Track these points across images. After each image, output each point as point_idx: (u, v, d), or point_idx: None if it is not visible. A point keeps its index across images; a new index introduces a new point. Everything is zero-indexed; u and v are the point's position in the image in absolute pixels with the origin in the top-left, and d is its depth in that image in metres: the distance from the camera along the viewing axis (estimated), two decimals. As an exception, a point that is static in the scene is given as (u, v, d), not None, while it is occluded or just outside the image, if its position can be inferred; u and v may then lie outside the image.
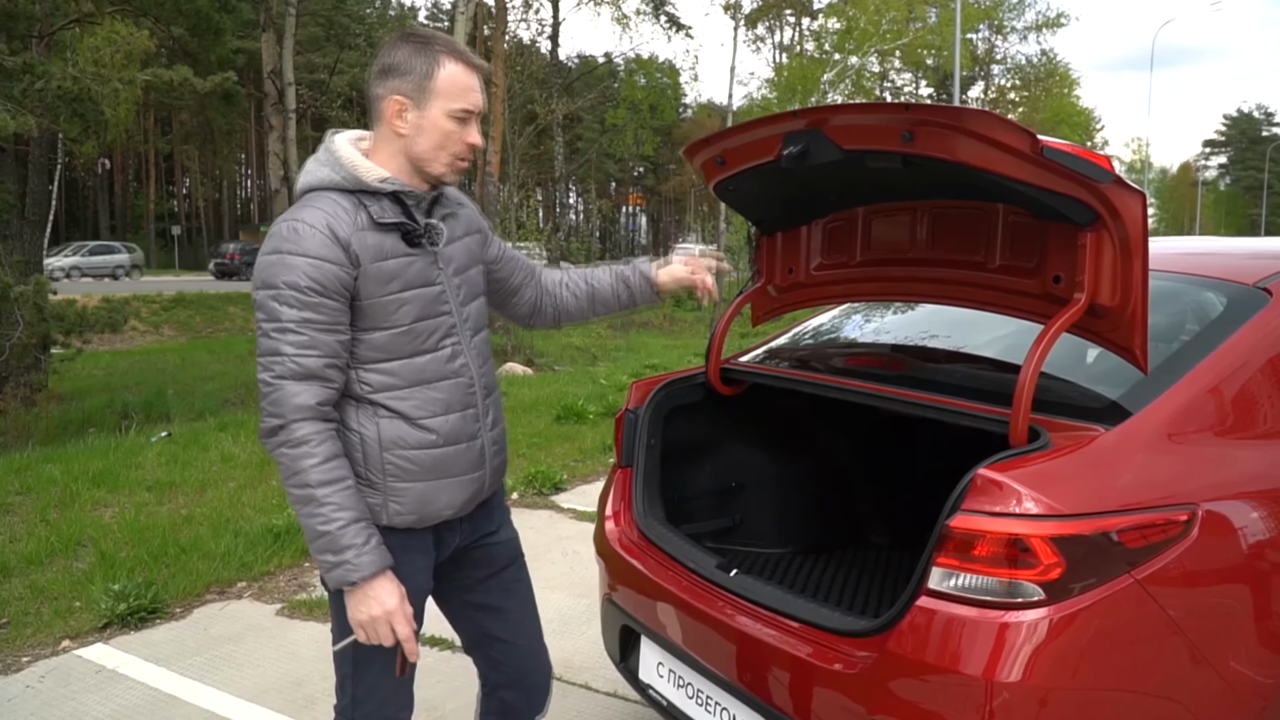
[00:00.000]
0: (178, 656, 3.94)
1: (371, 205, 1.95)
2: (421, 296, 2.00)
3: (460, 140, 2.00)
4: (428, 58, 1.94)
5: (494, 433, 2.17)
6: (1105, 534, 1.86)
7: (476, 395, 2.10)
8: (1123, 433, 2.02)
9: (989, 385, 2.41)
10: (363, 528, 1.91)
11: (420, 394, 2.00)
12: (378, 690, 2.12)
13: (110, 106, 9.94)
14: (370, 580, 1.91)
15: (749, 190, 2.81)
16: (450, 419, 2.04)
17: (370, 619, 1.93)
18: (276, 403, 1.87)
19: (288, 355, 1.86)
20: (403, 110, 1.94)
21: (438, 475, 2.04)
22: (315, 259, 1.86)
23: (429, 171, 2.01)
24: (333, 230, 1.88)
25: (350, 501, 1.90)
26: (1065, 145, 1.98)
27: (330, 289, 1.88)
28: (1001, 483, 1.88)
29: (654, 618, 2.62)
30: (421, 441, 2.01)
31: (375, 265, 1.92)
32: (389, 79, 1.95)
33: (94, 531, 5.39)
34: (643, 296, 2.49)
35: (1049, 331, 2.09)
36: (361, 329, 1.95)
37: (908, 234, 2.69)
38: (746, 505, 3.31)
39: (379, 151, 2.00)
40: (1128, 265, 2.06)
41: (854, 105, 2.34)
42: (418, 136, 1.96)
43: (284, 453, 1.88)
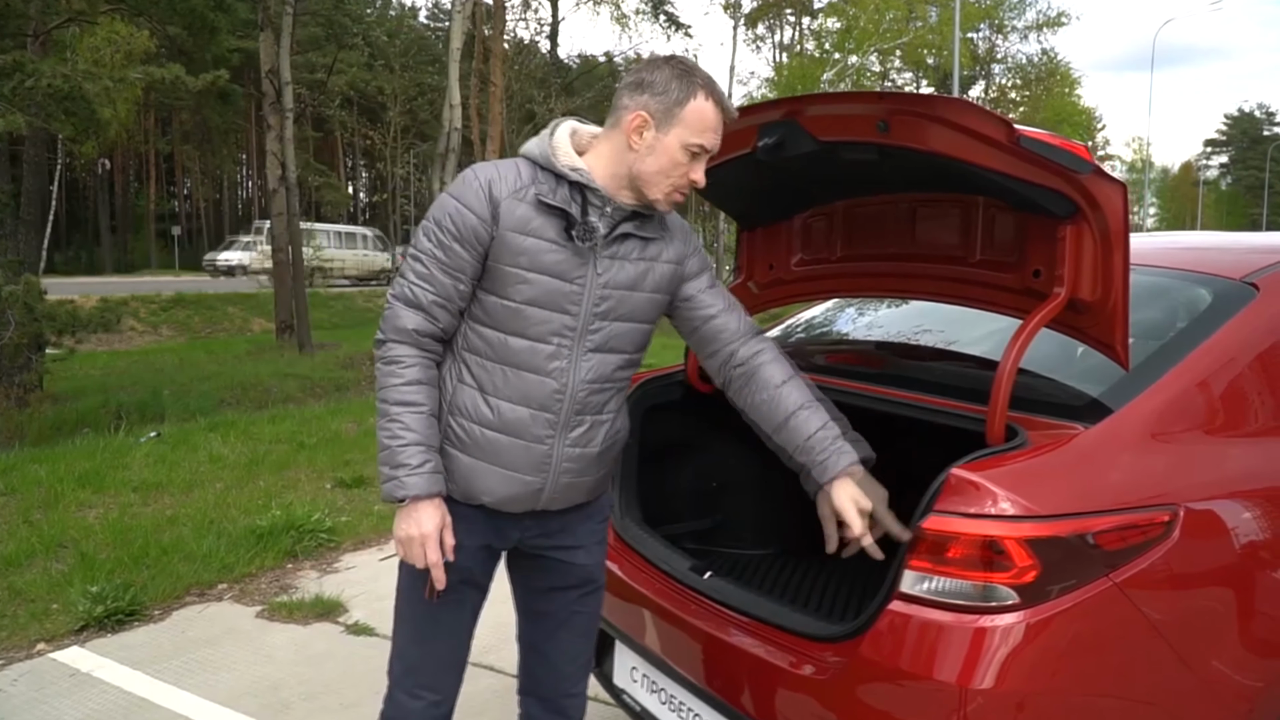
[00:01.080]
0: (154, 660, 3.88)
1: (546, 184, 1.98)
2: (547, 285, 1.97)
3: (685, 173, 2.00)
4: (685, 86, 1.96)
5: (576, 451, 2.07)
6: (1082, 536, 1.80)
7: (563, 405, 2.02)
8: (1102, 431, 1.96)
9: (970, 383, 2.34)
10: (422, 451, 1.95)
11: (502, 373, 2.00)
12: (408, 653, 2.18)
13: (102, 105, 9.87)
14: (416, 501, 1.95)
15: (727, 184, 2.74)
16: (521, 411, 2.01)
17: (407, 537, 1.98)
18: (386, 319, 1.99)
19: (408, 281, 1.98)
20: (644, 127, 1.97)
21: (486, 458, 2.03)
22: (462, 204, 1.95)
23: (646, 193, 2.01)
24: (490, 186, 1.96)
25: (419, 425, 1.96)
26: (1042, 135, 1.92)
27: (464, 236, 1.95)
28: (975, 483, 1.82)
29: (627, 621, 2.56)
30: (483, 418, 2.01)
31: (512, 235, 1.95)
32: (641, 93, 1.97)
33: (76, 533, 5.33)
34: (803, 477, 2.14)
35: (1027, 327, 2.03)
36: (482, 288, 2.00)
37: (888, 228, 2.63)
38: (728, 505, 3.25)
39: (597, 150, 2.03)
40: (1108, 258, 2.00)
41: (829, 94, 2.28)
42: (648, 156, 1.97)
43: (380, 367, 1.98)
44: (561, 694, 2.33)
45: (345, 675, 3.74)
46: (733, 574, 3.06)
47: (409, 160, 32.77)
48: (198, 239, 55.99)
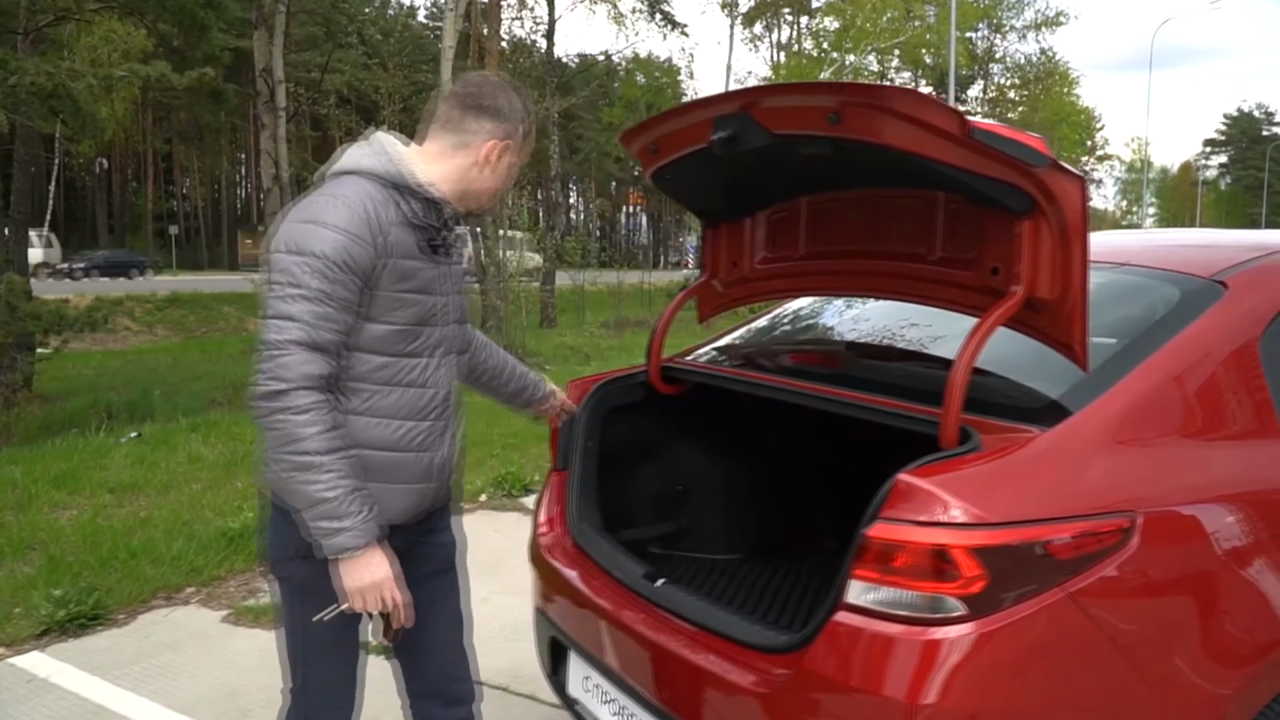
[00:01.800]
0: (115, 665, 3.81)
1: (407, 203, 1.99)
2: (424, 303, 2.04)
3: (506, 185, 2.18)
4: (526, 118, 2.12)
5: (450, 450, 2.20)
6: (1032, 544, 1.72)
7: (442, 411, 2.13)
8: (1059, 435, 1.89)
9: (930, 384, 2.27)
10: (365, 497, 1.92)
11: (393, 395, 2.02)
12: (322, 681, 2.17)
13: (90, 103, 9.80)
14: (369, 548, 1.91)
15: (686, 179, 2.68)
16: (412, 426, 2.06)
17: (369, 584, 1.93)
18: (284, 366, 1.84)
19: (306, 323, 1.86)
20: (501, 152, 2.08)
21: (386, 479, 2.04)
22: (352, 236, 1.89)
23: (476, 204, 2.14)
24: (373, 214, 1.92)
25: (352, 470, 1.90)
26: (995, 126, 1.85)
27: (356, 268, 1.90)
28: (922, 489, 1.74)
29: (579, 630, 2.49)
30: (378, 441, 2.02)
31: (397, 261, 1.96)
32: (497, 121, 2.06)
33: (47, 535, 5.26)
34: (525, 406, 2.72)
35: (982, 326, 1.95)
36: (365, 317, 1.96)
37: (851, 225, 2.55)
38: (693, 509, 3.18)
39: (439, 166, 2.06)
40: (1067, 255, 1.93)
41: (782, 86, 2.20)
42: (493, 176, 2.09)
43: (285, 419, 1.84)
44: (452, 680, 2.37)
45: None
46: (697, 579, 2.99)
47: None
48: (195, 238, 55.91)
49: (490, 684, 3.65)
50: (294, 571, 2.06)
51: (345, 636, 2.16)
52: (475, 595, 4.48)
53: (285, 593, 2.11)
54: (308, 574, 2.01)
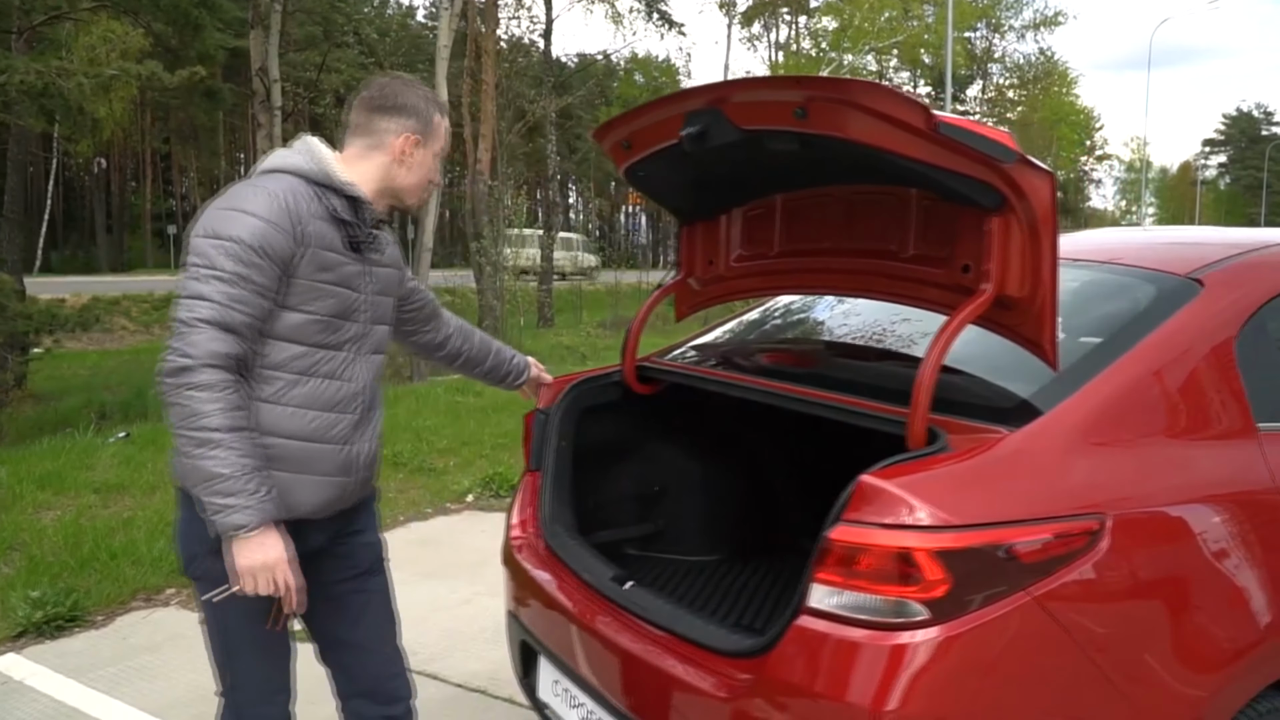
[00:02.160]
0: (91, 667, 3.78)
1: (330, 199, 2.06)
2: (344, 297, 2.09)
3: (432, 177, 2.25)
4: (431, 106, 2.19)
5: (368, 446, 2.23)
6: (997, 547, 1.69)
7: (359, 406, 2.17)
8: (1028, 435, 1.85)
9: (904, 384, 2.23)
10: (261, 476, 1.91)
11: (306, 385, 2.06)
12: (253, 674, 2.19)
13: (79, 101, 9.76)
14: (262, 528, 1.90)
15: (659, 176, 2.64)
16: (326, 417, 2.09)
17: (259, 565, 1.92)
18: (192, 343, 1.86)
19: (216, 303, 1.88)
20: (414, 147, 2.15)
21: (300, 469, 2.06)
22: (270, 223, 1.93)
23: (405, 200, 2.23)
24: (292, 205, 1.97)
25: (251, 450, 1.91)
26: (963, 121, 1.81)
27: (274, 255, 1.94)
28: (886, 490, 1.71)
29: (548, 633, 2.46)
30: (293, 430, 2.04)
31: (317, 251, 2.02)
32: (404, 117, 2.14)
33: (29, 535, 5.22)
34: (504, 382, 2.83)
35: (951, 325, 1.92)
36: (283, 305, 2.00)
37: (825, 223, 2.52)
38: (670, 510, 3.14)
39: (358, 168, 2.13)
40: (1036, 252, 1.90)
41: (750, 80, 2.18)
42: (413, 171, 2.17)
43: (188, 394, 1.85)
44: (386, 679, 2.38)
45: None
46: (673, 581, 2.96)
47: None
48: (194, 238, 55.62)
49: (468, 687, 3.62)
50: (207, 569, 2.04)
51: (270, 631, 2.12)
52: (457, 596, 4.50)
53: (201, 592, 2.09)
54: (221, 570, 1.97)
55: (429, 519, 5.80)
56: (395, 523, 5.70)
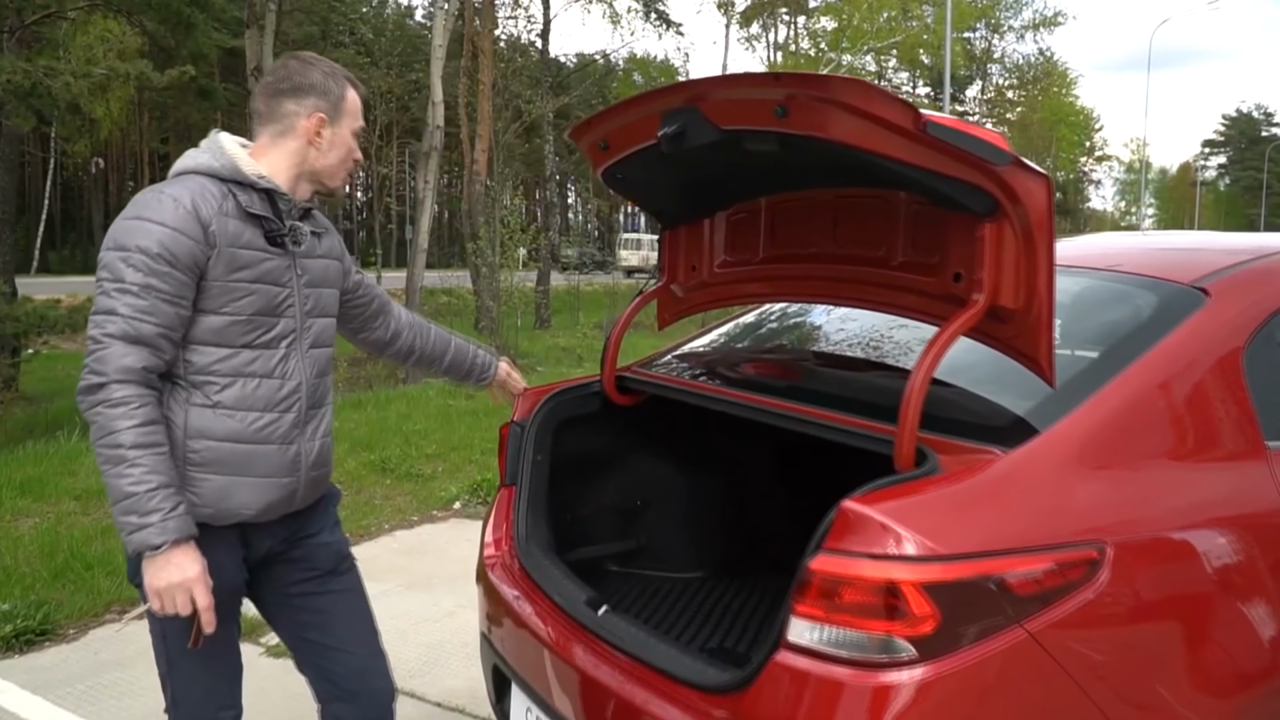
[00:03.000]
0: (60, 684, 3.66)
1: (241, 195, 2.00)
2: (267, 293, 2.03)
3: (353, 155, 2.18)
4: (339, 82, 2.12)
5: (316, 444, 2.17)
6: (990, 579, 1.57)
7: (300, 404, 2.11)
8: (1022, 456, 1.73)
9: (895, 399, 2.11)
10: (172, 494, 1.88)
11: (239, 385, 2.01)
12: (193, 688, 2.14)
13: (65, 100, 9.65)
14: (173, 546, 1.87)
15: (638, 178, 2.53)
16: (265, 417, 2.05)
17: (169, 585, 1.88)
18: (102, 360, 1.85)
19: (123, 316, 1.86)
20: (321, 127, 2.08)
21: (239, 472, 2.02)
22: (173, 230, 1.89)
23: (327, 183, 2.15)
24: (196, 207, 1.92)
25: (162, 467, 1.88)
26: (953, 121, 1.70)
27: (181, 262, 1.89)
28: (869, 518, 1.59)
29: (519, 659, 2.34)
30: (228, 433, 2.00)
31: (230, 250, 1.96)
32: (307, 97, 2.07)
33: (4, 544, 5.10)
34: (474, 378, 2.73)
35: (941, 338, 1.80)
36: (201, 309, 1.96)
37: (812, 227, 2.40)
38: (652, 525, 3.02)
39: (270, 158, 2.07)
40: (1032, 261, 1.78)
41: (729, 77, 2.05)
42: (329, 151, 2.11)
43: (101, 412, 1.85)
44: (368, 680, 2.33)
45: (257, 702, 3.46)
46: (654, 601, 2.84)
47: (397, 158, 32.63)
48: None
49: (447, 705, 3.50)
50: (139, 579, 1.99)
51: (212, 643, 2.03)
52: (440, 609, 4.38)
53: (143, 600, 2.02)
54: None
55: (415, 527, 5.67)
56: (380, 531, 5.58)
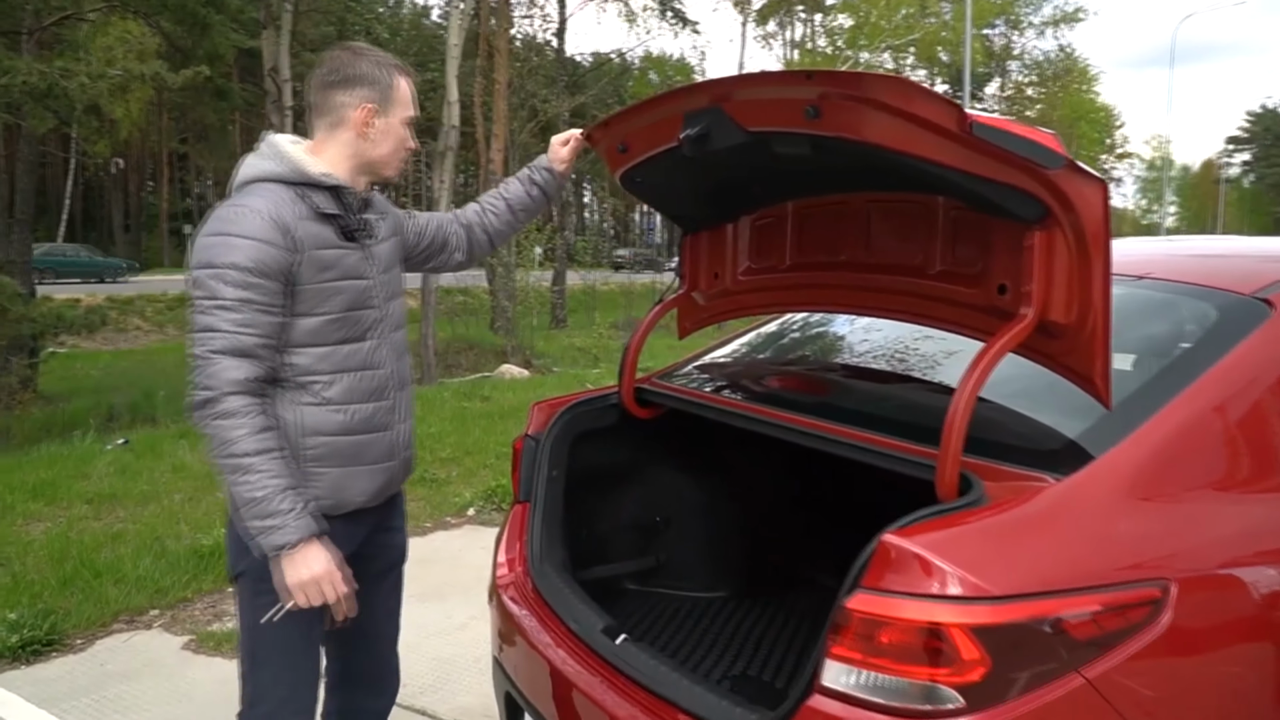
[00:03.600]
0: (65, 696, 3.57)
1: (313, 197, 2.03)
2: (353, 288, 2.08)
3: (406, 144, 2.18)
4: (388, 71, 2.11)
5: (405, 425, 2.25)
6: (1044, 621, 1.44)
7: (392, 388, 2.18)
8: (1077, 484, 1.60)
9: (935, 419, 1.98)
10: (296, 494, 1.95)
11: (341, 381, 2.07)
12: (276, 690, 2.14)
13: (81, 102, 9.61)
14: (304, 544, 1.94)
15: (658, 182, 2.41)
16: (367, 408, 2.12)
17: (307, 580, 1.96)
18: (211, 375, 1.91)
19: (224, 331, 1.91)
20: (372, 117, 2.09)
21: (353, 462, 2.10)
22: (259, 241, 1.92)
23: (382, 173, 2.17)
24: (277, 216, 1.96)
25: (283, 470, 1.95)
26: (1001, 121, 1.56)
27: (271, 271, 1.94)
28: (912, 553, 1.46)
29: (532, 688, 2.22)
30: (339, 427, 2.07)
31: (315, 252, 2.00)
32: (357, 87, 2.08)
33: (16, 549, 5.03)
34: (552, 185, 2.59)
35: (986, 355, 1.67)
36: (295, 313, 2.01)
37: (842, 233, 2.27)
38: (673, 542, 2.90)
39: (326, 152, 2.10)
40: (1086, 272, 1.64)
41: (756, 75, 1.93)
42: (381, 142, 2.11)
43: (216, 425, 1.92)
44: (387, 672, 2.45)
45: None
46: (674, 623, 2.73)
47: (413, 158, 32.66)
48: (210, 237, 55.65)
49: (458, 725, 3.39)
50: (245, 567, 2.09)
51: (298, 643, 2.12)
52: (452, 621, 4.26)
53: (240, 592, 2.14)
54: (260, 572, 2.01)
55: (427, 534, 5.57)
56: (395, 539, 5.48)
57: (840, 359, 2.81)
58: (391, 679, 2.47)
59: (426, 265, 2.51)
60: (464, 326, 21.59)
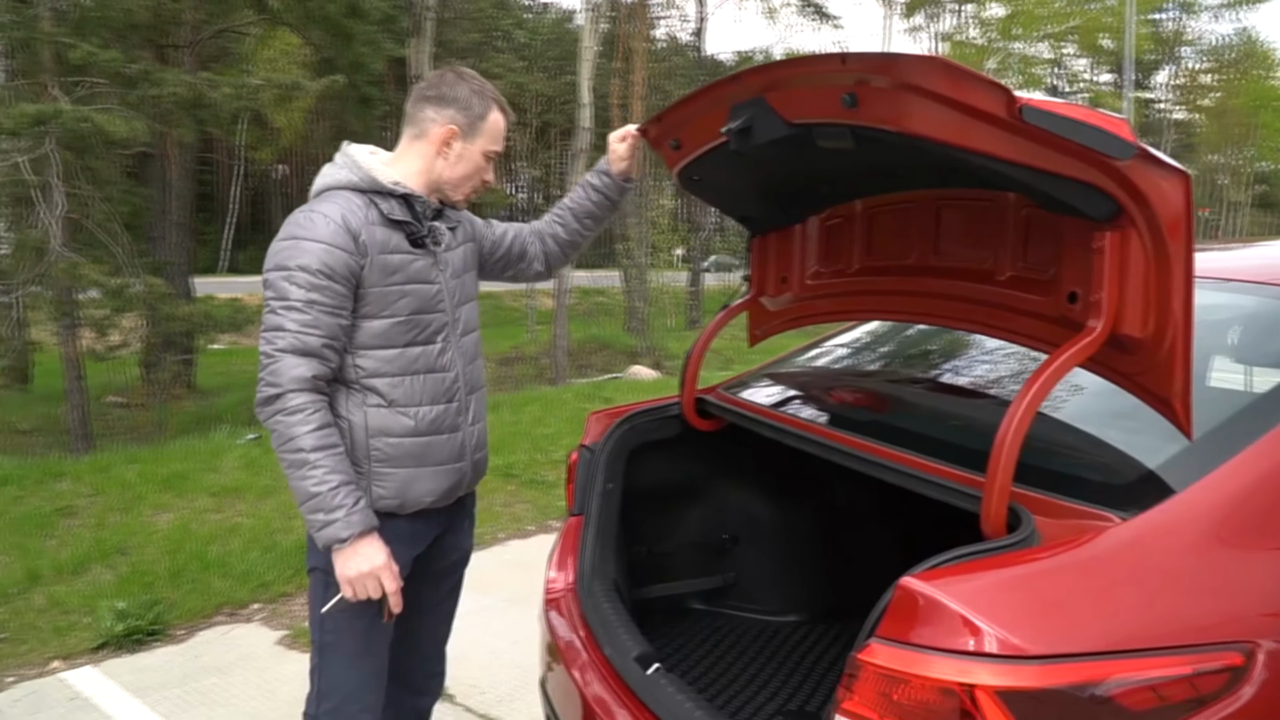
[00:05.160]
0: (159, 687, 3.66)
1: (382, 204, 2.08)
2: (420, 292, 2.12)
3: (481, 176, 2.21)
4: (484, 101, 2.15)
5: (476, 428, 2.27)
6: (1090, 688, 1.23)
7: (460, 391, 2.21)
8: (1147, 524, 1.38)
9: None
10: (353, 490, 2.00)
11: (408, 383, 2.11)
12: (343, 685, 2.19)
13: (229, 112, 10.09)
14: (359, 538, 2.00)
15: (716, 180, 2.27)
16: (434, 410, 2.15)
17: (359, 574, 2.01)
18: (276, 373, 1.97)
19: (291, 331, 1.97)
20: (452, 138, 2.13)
21: (420, 463, 2.13)
22: (328, 245, 1.98)
23: (449, 195, 2.20)
24: (346, 221, 2.01)
25: (342, 466, 2.00)
26: (1059, 106, 1.36)
27: (338, 274, 1.99)
28: (936, 601, 1.28)
29: (564, 714, 2.11)
30: (406, 429, 2.11)
31: (381, 257, 2.05)
32: (448, 107, 2.13)
33: (139, 539, 5.25)
34: (611, 188, 2.52)
35: (1045, 372, 1.46)
36: (362, 315, 2.06)
37: (909, 235, 2.08)
38: (743, 561, 2.75)
39: (403, 162, 2.15)
40: (1164, 280, 1.42)
41: (796, 60, 1.76)
42: (456, 164, 2.15)
43: (280, 420, 1.97)
44: (429, 674, 2.47)
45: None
46: (737, 647, 2.57)
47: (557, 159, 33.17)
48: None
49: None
50: (318, 562, 2.13)
51: (365, 640, 2.17)
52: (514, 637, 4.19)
53: (311, 587, 2.20)
54: (331, 567, 2.05)
55: (529, 538, 5.54)
56: (494, 540, 5.47)
57: (921, 372, 2.59)
58: (435, 680, 2.50)
59: (505, 274, 2.54)
60: (598, 327, 21.75)
